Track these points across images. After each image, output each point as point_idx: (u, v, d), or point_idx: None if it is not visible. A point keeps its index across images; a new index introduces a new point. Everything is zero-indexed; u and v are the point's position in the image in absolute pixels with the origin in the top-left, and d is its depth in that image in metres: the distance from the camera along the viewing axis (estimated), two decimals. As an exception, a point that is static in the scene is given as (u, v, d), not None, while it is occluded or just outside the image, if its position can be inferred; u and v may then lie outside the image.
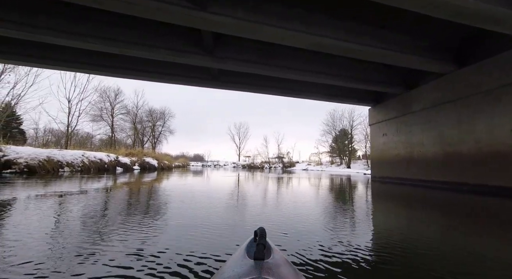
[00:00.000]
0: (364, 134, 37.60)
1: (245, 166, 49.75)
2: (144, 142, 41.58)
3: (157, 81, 10.31)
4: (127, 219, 2.90)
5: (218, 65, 8.57)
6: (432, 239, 2.56)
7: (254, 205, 4.23)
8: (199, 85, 10.84)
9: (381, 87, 10.55)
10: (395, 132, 11.79)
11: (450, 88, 8.63)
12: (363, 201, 5.40)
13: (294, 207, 4.12)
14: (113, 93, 33.14)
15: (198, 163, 68.28)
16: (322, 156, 46.55)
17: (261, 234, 0.84)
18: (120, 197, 4.87)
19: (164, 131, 42.86)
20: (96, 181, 7.90)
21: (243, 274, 0.68)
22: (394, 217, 3.88)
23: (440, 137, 9.05)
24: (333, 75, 9.73)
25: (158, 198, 4.80)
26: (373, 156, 14.03)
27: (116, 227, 2.56)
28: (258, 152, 54.26)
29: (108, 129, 33.07)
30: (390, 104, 12.09)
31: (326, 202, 4.99)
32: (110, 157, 16.69)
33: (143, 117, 40.32)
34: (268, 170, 34.22)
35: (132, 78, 9.96)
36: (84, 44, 7.11)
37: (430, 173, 9.44)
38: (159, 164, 22.75)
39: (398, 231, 2.87)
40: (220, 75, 10.63)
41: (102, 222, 2.79)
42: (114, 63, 9.24)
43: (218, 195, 5.58)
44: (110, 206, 3.77)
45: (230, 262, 0.87)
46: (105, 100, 32.55)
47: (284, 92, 11.76)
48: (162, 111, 42.30)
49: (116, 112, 33.62)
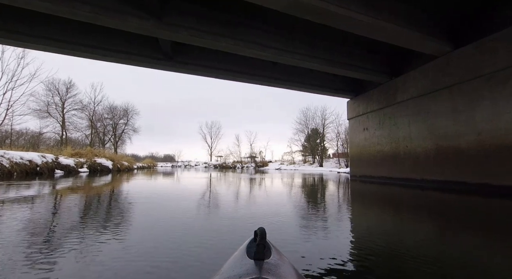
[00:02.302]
0: (336, 133, 37.43)
1: (217, 166, 47.49)
2: (106, 141, 37.63)
3: (86, 56, 7.95)
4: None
5: (167, 35, 6.56)
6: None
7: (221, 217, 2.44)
8: (147, 66, 8.68)
9: (365, 74, 9.22)
10: (377, 126, 10.60)
11: (442, 74, 7.47)
12: (345, 208, 3.81)
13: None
14: (63, 86, 29.15)
15: (167, 163, 64.57)
16: (295, 155, 45.88)
17: (261, 234, 0.83)
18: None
19: (128, 130, 39.14)
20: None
21: (243, 274, 0.68)
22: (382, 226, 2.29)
23: (431, 130, 7.88)
24: (314, 57, 8.17)
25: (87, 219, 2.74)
26: (353, 153, 12.82)
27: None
28: (230, 151, 52.12)
29: (58, 127, 29.04)
30: (371, 95, 10.89)
31: (306, 213, 3.33)
32: (46, 157, 13.73)
33: (104, 115, 36.40)
34: (240, 170, 32.42)
35: (52, 51, 7.52)
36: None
37: (420, 171, 8.27)
38: (114, 165, 19.83)
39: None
40: (174, 54, 8.59)
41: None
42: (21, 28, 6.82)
43: (171, 208, 3.65)
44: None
45: (230, 262, 0.87)
46: (53, 94, 28.51)
47: (255, 78, 10.00)
48: (124, 108, 38.53)
49: (68, 108, 29.63)
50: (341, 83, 11.72)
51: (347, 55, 8.76)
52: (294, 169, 35.55)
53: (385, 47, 9.01)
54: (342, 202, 4.73)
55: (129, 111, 38.69)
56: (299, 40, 7.90)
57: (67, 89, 29.51)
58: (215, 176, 14.52)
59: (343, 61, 8.68)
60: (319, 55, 8.25)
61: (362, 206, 4.30)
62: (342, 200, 4.92)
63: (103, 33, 7.50)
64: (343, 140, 36.11)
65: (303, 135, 42.41)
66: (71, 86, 29.75)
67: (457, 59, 7.06)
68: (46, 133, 27.93)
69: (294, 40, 7.83)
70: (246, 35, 7.16)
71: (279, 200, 4.62)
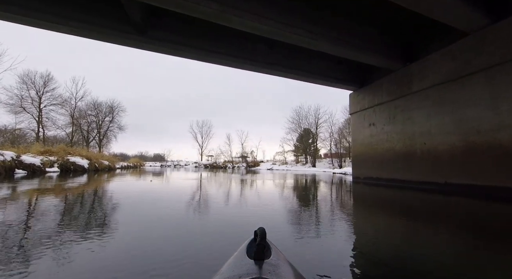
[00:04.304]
0: (329, 132, 36.26)
1: (207, 166, 45.69)
2: (90, 140, 35.35)
3: (30, 23, 6.18)
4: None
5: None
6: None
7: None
8: (115, 41, 7.02)
9: (376, 58, 7.80)
10: (387, 121, 9.22)
11: (476, 54, 6.11)
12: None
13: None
14: (40, 79, 26.87)
15: (156, 163, 62.36)
16: (287, 154, 44.50)
17: (261, 234, 0.84)
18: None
19: (113, 127, 36.85)
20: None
21: (243, 274, 0.67)
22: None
23: (459, 123, 6.53)
24: (319, 34, 6.70)
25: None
26: (356, 152, 11.43)
27: None
28: (221, 151, 50.26)
29: (34, 123, 26.78)
30: (380, 86, 9.51)
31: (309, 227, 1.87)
32: (5, 155, 11.84)
33: (88, 112, 34.12)
34: (231, 170, 30.82)
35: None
36: None
37: (442, 172, 6.91)
38: (91, 165, 17.92)
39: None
40: (148, 28, 6.98)
41: None
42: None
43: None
44: None
45: (230, 262, 0.86)
46: (29, 87, 26.24)
47: (246, 62, 8.44)
48: (110, 105, 36.24)
49: (46, 103, 27.37)
50: (344, 72, 10.30)
51: (357, 35, 7.34)
52: (287, 169, 34.17)
53: (401, 27, 7.65)
54: (362, 219, 3.25)
55: (114, 108, 36.46)
56: (300, 14, 6.42)
57: (44, 83, 27.25)
58: (201, 178, 12.94)
59: (352, 41, 7.25)
60: (325, 32, 6.79)
61: (387, 221, 2.83)
62: (358, 215, 3.44)
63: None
64: (336, 139, 35.04)
65: (296, 134, 41.12)
66: (49, 80, 27.45)
67: (497, 35, 5.70)
68: (18, 130, 25.65)
69: (294, 14, 6.34)
70: (236, 0, 5.62)
71: (275, 217, 3.11)
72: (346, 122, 33.40)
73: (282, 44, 8.45)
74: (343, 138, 34.05)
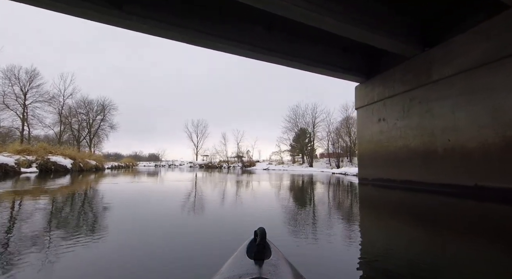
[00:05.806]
0: (327, 131, 35.26)
1: (202, 166, 44.46)
2: (81, 139, 33.82)
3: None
4: None
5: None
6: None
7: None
8: (85, 16, 5.84)
9: (392, 40, 6.72)
10: (400, 115, 8.16)
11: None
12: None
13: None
14: (25, 74, 25.38)
15: (151, 163, 60.97)
16: (283, 154, 43.40)
17: (261, 234, 0.81)
18: None
19: (104, 126, 35.29)
20: None
21: (243, 274, 0.66)
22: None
23: (496, 115, 5.48)
24: (326, 9, 5.59)
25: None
26: (362, 150, 10.36)
27: None
28: (216, 150, 48.85)
29: (19, 121, 25.31)
30: (392, 75, 8.44)
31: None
32: (-31, 154, 10.56)
33: (78, 110, 32.59)
34: (226, 170, 29.67)
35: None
36: None
37: (473, 174, 5.85)
38: (75, 164, 16.60)
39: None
40: (125, 2, 5.82)
41: None
42: None
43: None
44: None
45: (230, 262, 0.84)
46: (12, 83, 24.76)
47: (239, 46, 7.27)
48: (101, 103, 34.69)
49: (31, 100, 25.86)
50: (350, 60, 9.22)
51: (368, 12, 6.26)
52: (283, 169, 33.10)
53: (420, 4, 6.60)
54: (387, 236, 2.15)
55: (106, 106, 34.92)
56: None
57: (29, 79, 25.75)
58: (194, 179, 11.83)
59: (362, 19, 6.16)
60: (330, 5, 5.68)
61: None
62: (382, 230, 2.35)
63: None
64: (334, 139, 34.10)
65: (292, 134, 40.03)
66: (34, 75, 25.93)
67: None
68: (2, 127, 24.18)
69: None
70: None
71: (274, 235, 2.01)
72: (344, 121, 32.58)
73: (281, 26, 7.35)
74: (341, 138, 33.15)
